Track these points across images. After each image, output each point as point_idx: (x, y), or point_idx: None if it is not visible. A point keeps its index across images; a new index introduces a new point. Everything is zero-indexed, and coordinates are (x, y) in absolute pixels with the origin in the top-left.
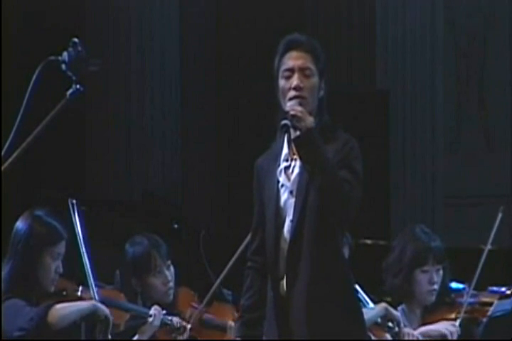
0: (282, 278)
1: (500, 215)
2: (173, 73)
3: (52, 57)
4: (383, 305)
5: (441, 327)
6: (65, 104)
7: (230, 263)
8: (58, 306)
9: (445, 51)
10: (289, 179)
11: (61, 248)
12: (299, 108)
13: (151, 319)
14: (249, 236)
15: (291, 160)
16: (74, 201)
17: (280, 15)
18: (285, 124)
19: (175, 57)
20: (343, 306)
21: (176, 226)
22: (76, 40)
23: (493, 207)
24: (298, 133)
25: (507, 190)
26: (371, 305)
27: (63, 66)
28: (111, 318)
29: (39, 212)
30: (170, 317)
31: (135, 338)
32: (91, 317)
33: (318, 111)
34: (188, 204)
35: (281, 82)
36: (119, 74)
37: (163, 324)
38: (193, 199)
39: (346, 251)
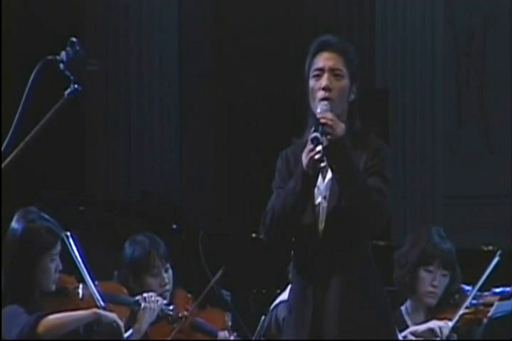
0: (314, 279)
1: (497, 259)
2: (172, 74)
3: (50, 57)
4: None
5: (430, 323)
6: (63, 104)
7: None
8: (51, 317)
9: (445, 50)
10: (323, 180)
11: (58, 247)
12: (330, 115)
13: (142, 303)
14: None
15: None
16: (68, 233)
17: (280, 16)
18: (315, 137)
19: (174, 58)
20: (374, 310)
21: (174, 226)
22: (74, 39)
23: (492, 207)
24: (328, 140)
25: (506, 190)
26: None
27: (61, 65)
28: (120, 323)
29: (32, 216)
30: (171, 307)
31: (134, 326)
32: (96, 325)
33: (349, 116)
34: (186, 204)
35: (311, 82)
36: (119, 75)
37: (164, 314)
38: (191, 200)
39: None
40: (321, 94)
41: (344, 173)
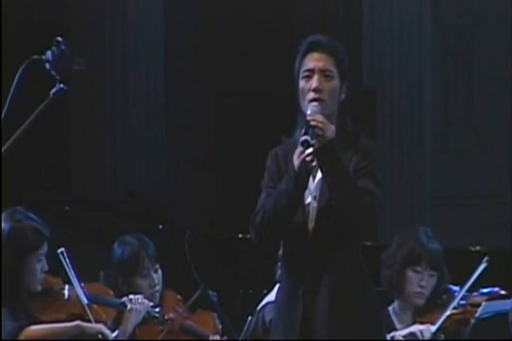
0: (304, 280)
1: (484, 265)
2: (158, 73)
3: (36, 56)
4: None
5: (412, 327)
6: (48, 104)
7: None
8: (34, 327)
9: (433, 50)
10: (313, 180)
11: (44, 248)
12: (320, 117)
13: (128, 305)
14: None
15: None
16: (62, 249)
17: (267, 14)
18: (305, 140)
19: (160, 57)
20: (364, 311)
21: (160, 226)
22: (60, 38)
23: (481, 207)
24: (318, 142)
25: (494, 190)
26: None
27: (47, 65)
28: (107, 332)
29: (19, 216)
30: (157, 309)
31: (120, 328)
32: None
33: (340, 116)
34: (173, 204)
35: (301, 83)
36: (104, 75)
37: (150, 317)
38: (178, 200)
39: None
40: (311, 95)
41: (334, 176)
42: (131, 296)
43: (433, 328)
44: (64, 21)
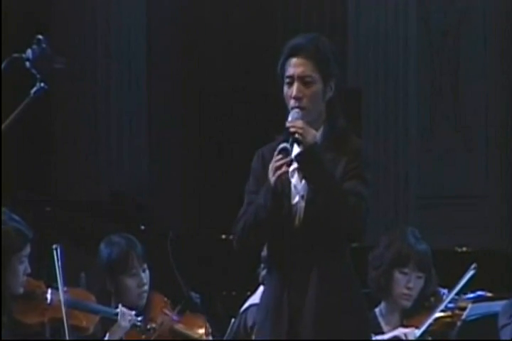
0: (290, 279)
1: (472, 272)
2: (140, 72)
3: (16, 55)
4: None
5: (396, 331)
6: (29, 103)
7: None
8: None
9: (418, 49)
10: (301, 180)
11: (27, 249)
12: (300, 124)
13: (119, 318)
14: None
15: None
16: (57, 246)
17: (252, 12)
18: (284, 148)
19: (142, 56)
20: (351, 313)
21: (143, 227)
22: (40, 37)
23: (468, 208)
24: (300, 148)
25: (481, 191)
26: None
27: (27, 63)
28: None
29: (2, 217)
30: (139, 318)
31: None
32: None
33: (329, 114)
34: (155, 204)
35: (285, 89)
36: (85, 74)
37: (133, 325)
38: (161, 200)
39: None
40: (292, 103)
41: (317, 181)
42: (123, 309)
43: (418, 332)
44: (45, 19)
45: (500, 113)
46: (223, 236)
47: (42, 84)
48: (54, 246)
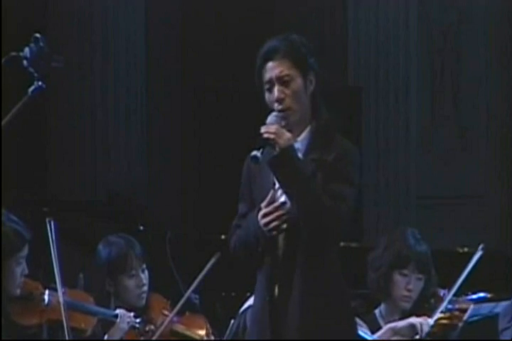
0: (276, 282)
1: (480, 253)
2: (138, 72)
3: (14, 53)
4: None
5: (411, 319)
6: (26, 102)
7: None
8: None
9: (419, 47)
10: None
11: (25, 251)
12: (273, 128)
13: (118, 320)
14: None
15: None
16: (51, 219)
17: (249, 11)
18: (254, 156)
19: (141, 56)
20: (336, 315)
21: (141, 227)
22: (38, 35)
23: (468, 208)
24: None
25: (481, 191)
26: None
27: (25, 62)
28: None
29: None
30: (138, 320)
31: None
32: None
33: (314, 108)
34: (153, 205)
35: (266, 96)
36: (83, 73)
37: (131, 327)
38: (159, 200)
39: None
40: (276, 106)
41: (289, 185)
42: (122, 311)
43: (431, 321)
44: (42, 17)
45: (500, 113)
46: (222, 237)
47: (40, 83)
48: (47, 220)
